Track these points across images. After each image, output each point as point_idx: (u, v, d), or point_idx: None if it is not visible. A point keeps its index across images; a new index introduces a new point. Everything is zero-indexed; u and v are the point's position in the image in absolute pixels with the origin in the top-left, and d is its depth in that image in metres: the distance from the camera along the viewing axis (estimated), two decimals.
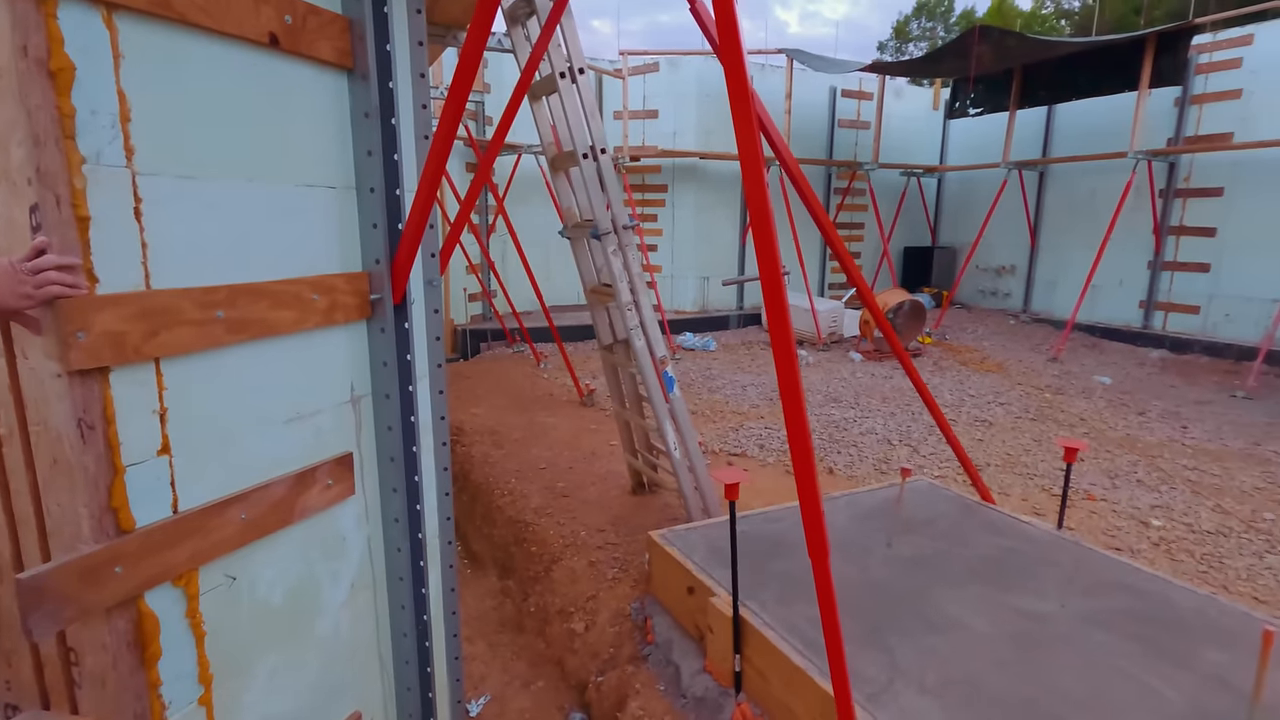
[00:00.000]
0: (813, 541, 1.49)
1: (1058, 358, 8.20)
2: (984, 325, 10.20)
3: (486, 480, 4.48)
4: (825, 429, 5.50)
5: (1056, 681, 2.01)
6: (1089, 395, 6.66)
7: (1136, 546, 3.57)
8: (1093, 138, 9.44)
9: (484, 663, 3.16)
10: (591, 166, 3.10)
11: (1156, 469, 4.68)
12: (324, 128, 1.60)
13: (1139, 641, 2.20)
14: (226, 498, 1.39)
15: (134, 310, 1.18)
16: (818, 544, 1.48)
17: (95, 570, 1.15)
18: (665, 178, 10.21)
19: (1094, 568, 2.67)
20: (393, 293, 1.76)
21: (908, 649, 2.14)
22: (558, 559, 3.48)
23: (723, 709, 2.32)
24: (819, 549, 1.49)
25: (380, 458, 1.83)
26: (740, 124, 1.29)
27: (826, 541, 1.49)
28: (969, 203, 11.57)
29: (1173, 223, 8.82)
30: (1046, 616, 2.34)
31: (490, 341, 8.56)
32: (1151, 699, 1.93)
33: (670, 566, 2.78)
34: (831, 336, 9.14)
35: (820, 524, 1.48)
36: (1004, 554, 2.78)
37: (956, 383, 7.08)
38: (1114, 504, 4.11)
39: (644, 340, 3.34)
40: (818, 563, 1.50)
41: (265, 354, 1.47)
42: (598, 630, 2.96)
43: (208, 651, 1.37)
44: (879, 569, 2.66)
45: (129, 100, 1.16)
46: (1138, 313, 9.21)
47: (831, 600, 1.50)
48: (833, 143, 10.98)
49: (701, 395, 6.59)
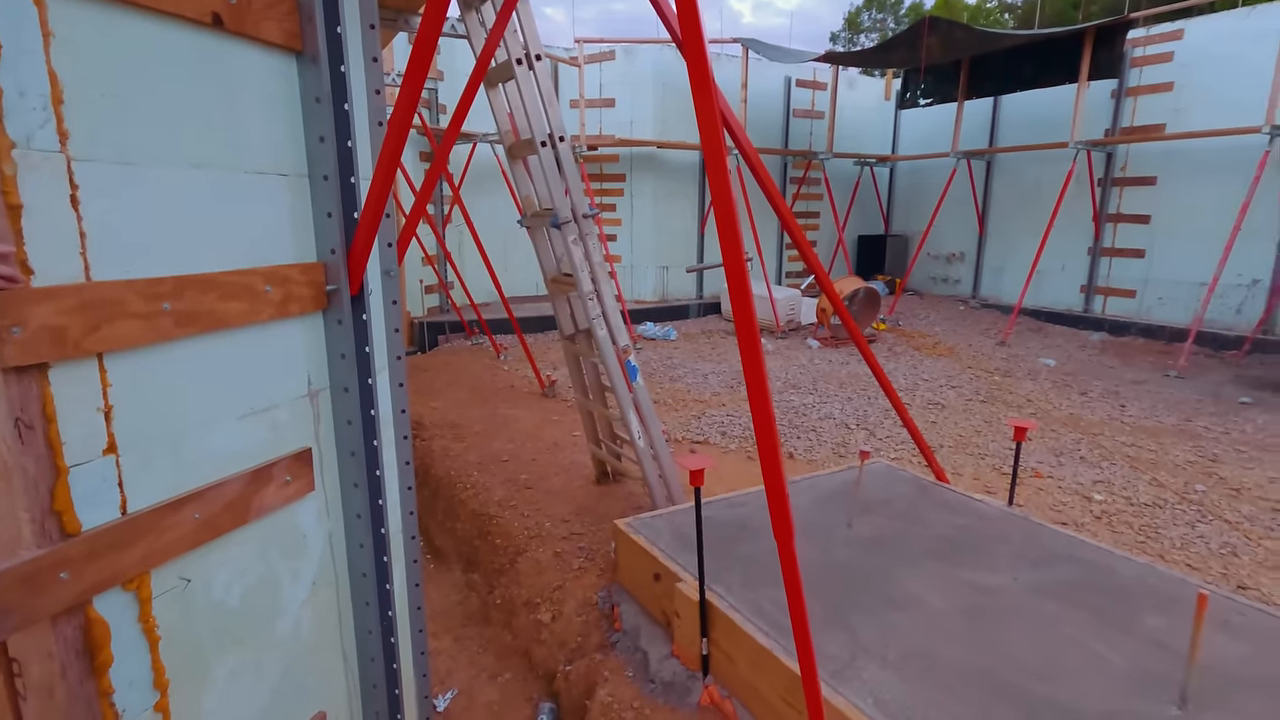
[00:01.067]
0: (778, 524, 1.51)
1: (1005, 341, 8.49)
2: (936, 311, 10.48)
3: (448, 474, 4.42)
4: (785, 415, 5.59)
5: (1010, 651, 2.10)
6: (1035, 377, 6.91)
7: (1081, 520, 3.73)
8: (1037, 128, 9.77)
9: (450, 657, 3.13)
10: (550, 154, 3.07)
11: (1098, 446, 4.89)
12: (273, 113, 1.54)
13: (1085, 609, 2.30)
14: (179, 497, 1.34)
15: (73, 303, 1.12)
16: (783, 526, 1.51)
17: (38, 576, 1.10)
18: (623, 167, 10.18)
19: (1043, 541, 2.79)
20: (349, 283, 1.71)
21: (869, 626, 2.20)
22: (522, 550, 3.46)
23: (691, 692, 2.35)
24: (784, 531, 1.51)
25: (340, 452, 1.79)
26: (703, 114, 1.29)
27: (791, 524, 1.52)
28: (920, 191, 11.84)
29: (1110, 210, 9.20)
30: (999, 590, 2.44)
31: (448, 334, 8.43)
32: (1098, 664, 2.03)
33: (636, 554, 2.79)
34: (789, 324, 9.27)
35: (785, 507, 1.50)
36: (958, 531, 2.88)
37: (910, 367, 7.27)
38: (1059, 480, 4.28)
39: (606, 329, 3.33)
40: (783, 545, 1.53)
41: (216, 347, 1.41)
42: (565, 620, 2.96)
43: (163, 656, 1.32)
44: (840, 550, 2.72)
45: (61, 81, 1.10)
46: (1079, 297, 9.59)
47: (797, 581, 1.53)
48: (788, 132, 11.10)
49: (663, 384, 6.62)
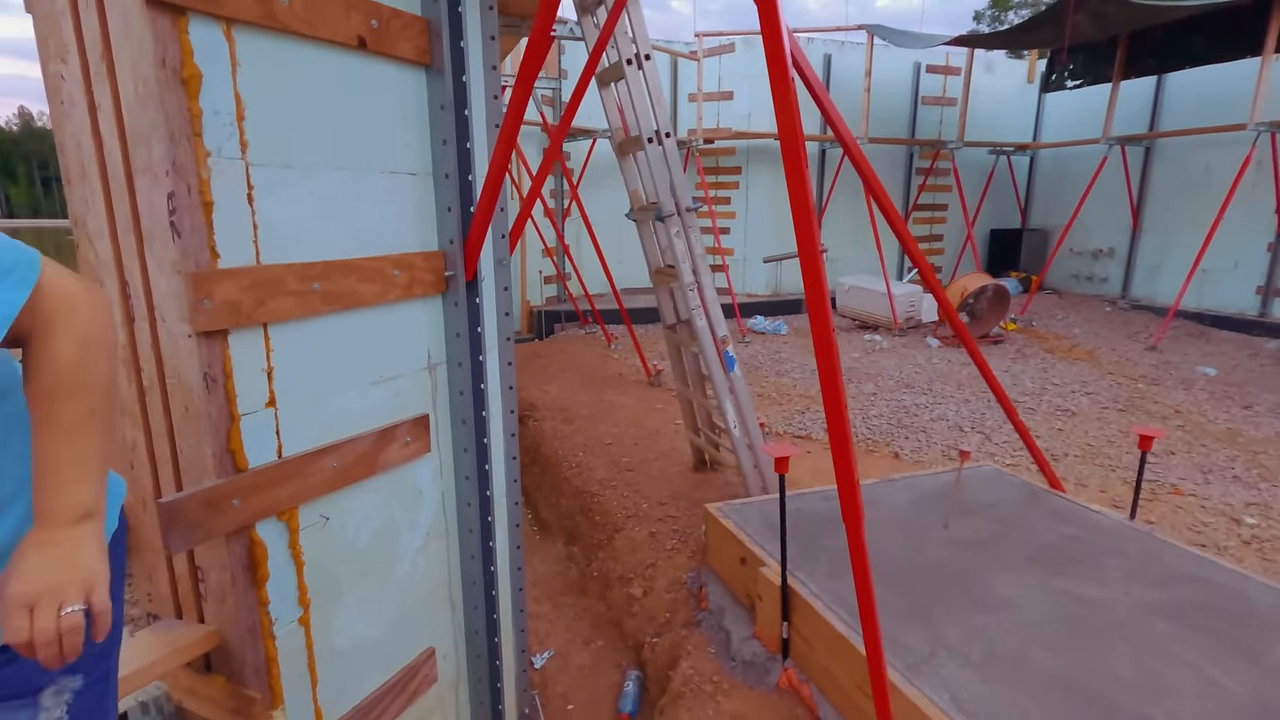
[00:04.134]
0: (847, 511, 1.56)
1: (1157, 346, 7.69)
2: (1076, 312, 9.65)
3: (556, 453, 4.70)
4: (894, 414, 5.43)
5: (1108, 666, 2.00)
6: (1189, 386, 6.24)
7: (1224, 544, 3.39)
8: (1207, 109, 8.71)
9: (549, 621, 3.37)
10: (657, 150, 3.20)
11: (1258, 465, 4.38)
12: (404, 119, 1.77)
13: (1205, 633, 2.14)
14: (321, 447, 1.59)
15: (247, 282, 1.38)
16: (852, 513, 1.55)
17: (217, 501, 1.37)
18: (739, 160, 10.15)
19: (1165, 559, 2.59)
20: (465, 270, 1.93)
21: (954, 625, 2.17)
22: (620, 529, 3.64)
23: (769, 673, 2.41)
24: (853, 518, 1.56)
25: (453, 420, 2.02)
26: (779, 98, 1.36)
27: (860, 511, 1.56)
28: (1063, 182, 10.91)
29: None
30: (1105, 603, 2.30)
31: (564, 322, 8.83)
32: (1210, 688, 1.89)
33: (725, 538, 2.88)
34: (909, 321, 8.89)
35: (855, 493, 1.55)
36: (1066, 541, 2.73)
37: (1040, 370, 6.78)
38: (1204, 499, 3.89)
39: (705, 320, 3.43)
40: (852, 531, 1.57)
41: (353, 323, 1.66)
42: (655, 596, 3.11)
43: (306, 579, 1.59)
44: (933, 549, 2.67)
45: (243, 101, 1.36)
46: (1254, 300, 8.49)
47: (864, 564, 1.57)
48: (915, 121, 10.59)
49: (769, 379, 6.60)
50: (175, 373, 1.38)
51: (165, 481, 1.48)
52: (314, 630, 1.62)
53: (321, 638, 1.64)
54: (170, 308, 1.34)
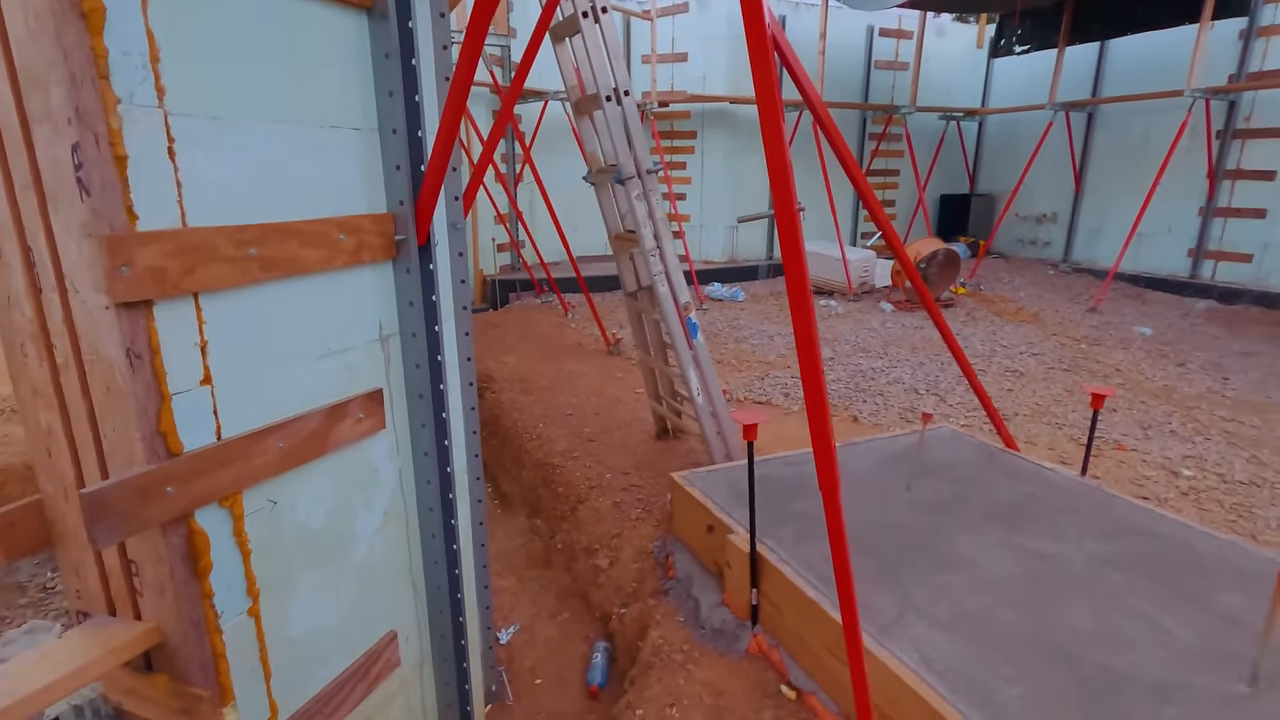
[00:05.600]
0: (824, 477, 1.52)
1: (1097, 308, 7.98)
2: (1022, 275, 9.92)
3: (515, 425, 4.60)
4: (852, 378, 5.49)
5: (1067, 618, 2.05)
6: (1127, 346, 6.50)
7: (1164, 495, 3.54)
8: (1148, 75, 8.95)
9: (514, 595, 3.32)
10: (615, 109, 3.07)
11: (1192, 420, 4.59)
12: (346, 69, 1.62)
13: (1155, 582, 2.21)
14: (265, 427, 1.47)
15: (172, 246, 1.24)
16: (828, 479, 1.52)
17: (149, 489, 1.25)
18: (694, 124, 10.00)
19: (1115, 513, 2.68)
20: (417, 234, 1.80)
21: (921, 586, 2.20)
22: (584, 499, 3.59)
23: (739, 639, 2.41)
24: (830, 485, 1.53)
25: (409, 394, 1.91)
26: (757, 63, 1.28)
27: (837, 477, 1.53)
28: (1010, 147, 11.13)
29: (1229, 166, 8.38)
30: (1062, 558, 2.37)
31: (519, 292, 8.64)
32: (1162, 635, 1.96)
33: (691, 506, 2.86)
34: (863, 286, 9.00)
35: (831, 459, 1.51)
36: (1023, 498, 2.80)
37: (989, 333, 6.96)
38: (1144, 454, 4.06)
39: (667, 286, 3.35)
40: (828, 497, 1.54)
41: (296, 291, 1.53)
42: (621, 566, 3.08)
43: (254, 567, 1.48)
44: (897, 511, 2.70)
45: (157, 41, 1.20)
46: (1185, 261, 8.87)
47: (841, 534, 1.55)
48: (868, 85, 10.59)
49: (728, 345, 6.60)
50: (93, 349, 1.24)
51: (89, 470, 1.34)
52: (265, 621, 1.52)
53: (274, 628, 1.54)
54: (83, 276, 1.19)
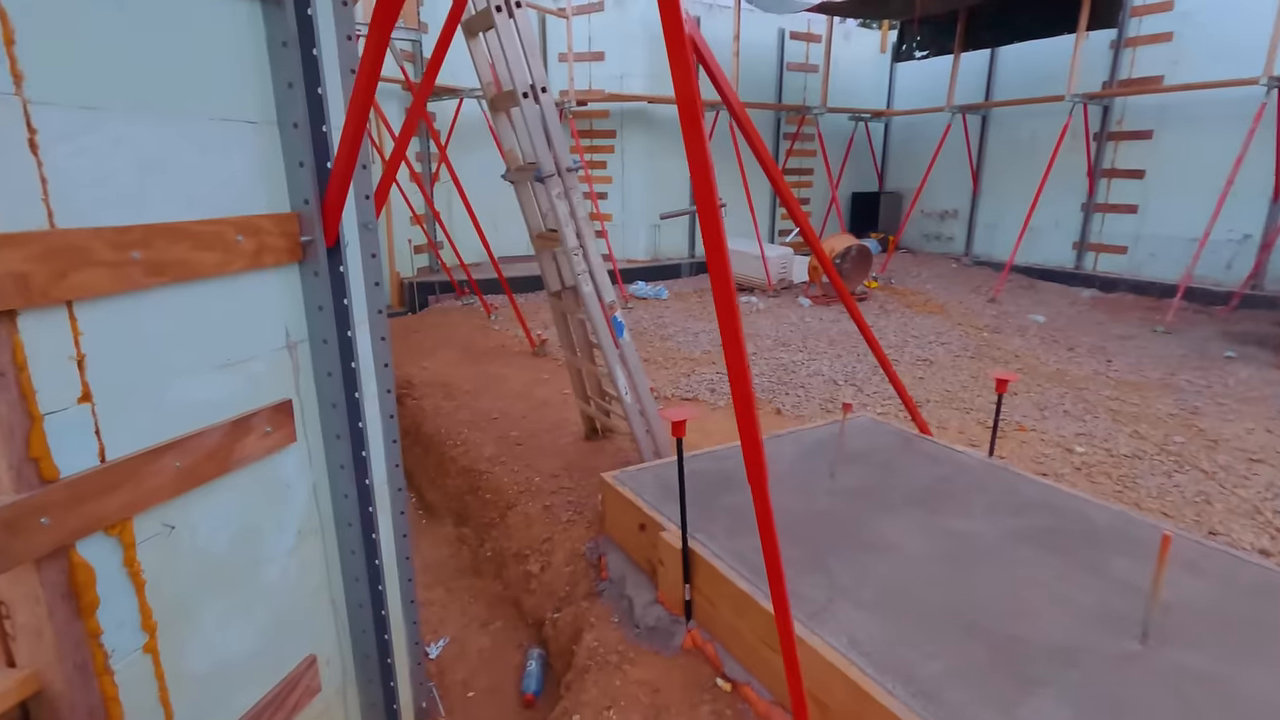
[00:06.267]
0: (752, 470, 1.54)
1: (996, 298, 8.50)
2: (928, 269, 10.46)
3: (438, 432, 4.46)
4: (774, 372, 5.62)
5: (982, 592, 2.16)
6: (1024, 333, 6.95)
7: (1061, 471, 3.80)
8: (1034, 81, 9.60)
9: (442, 607, 3.21)
10: (533, 107, 3.01)
11: (1082, 400, 4.95)
12: (238, 58, 1.50)
13: (1057, 554, 2.36)
14: (158, 446, 1.35)
15: (38, 250, 1.12)
16: (757, 472, 1.54)
17: (18, 521, 1.12)
18: (613, 123, 10.00)
19: (1020, 491, 2.85)
20: (325, 235, 1.70)
21: (847, 570, 2.26)
22: (513, 505, 3.52)
23: (674, 636, 2.42)
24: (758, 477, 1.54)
25: (321, 404, 1.80)
26: (676, 62, 1.27)
27: (765, 469, 1.55)
28: (915, 148, 11.70)
29: (1105, 165, 9.11)
30: (975, 535, 2.50)
31: (439, 294, 8.39)
32: (1065, 603, 2.10)
33: (622, 505, 2.84)
34: (781, 282, 9.25)
35: (759, 453, 1.53)
36: (938, 481, 2.93)
37: (900, 325, 7.29)
38: (1043, 434, 4.35)
39: (592, 285, 3.33)
40: (757, 490, 1.56)
41: (190, 298, 1.41)
42: (553, 570, 3.03)
43: (149, 599, 1.35)
44: (821, 499, 2.78)
45: (10, 19, 1.07)
46: (1071, 254, 9.57)
47: (771, 526, 1.57)
48: (781, 87, 10.89)
49: (654, 343, 6.63)
50: None
51: None
52: (164, 656, 1.39)
53: (174, 663, 1.42)
54: None
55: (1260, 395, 5.02)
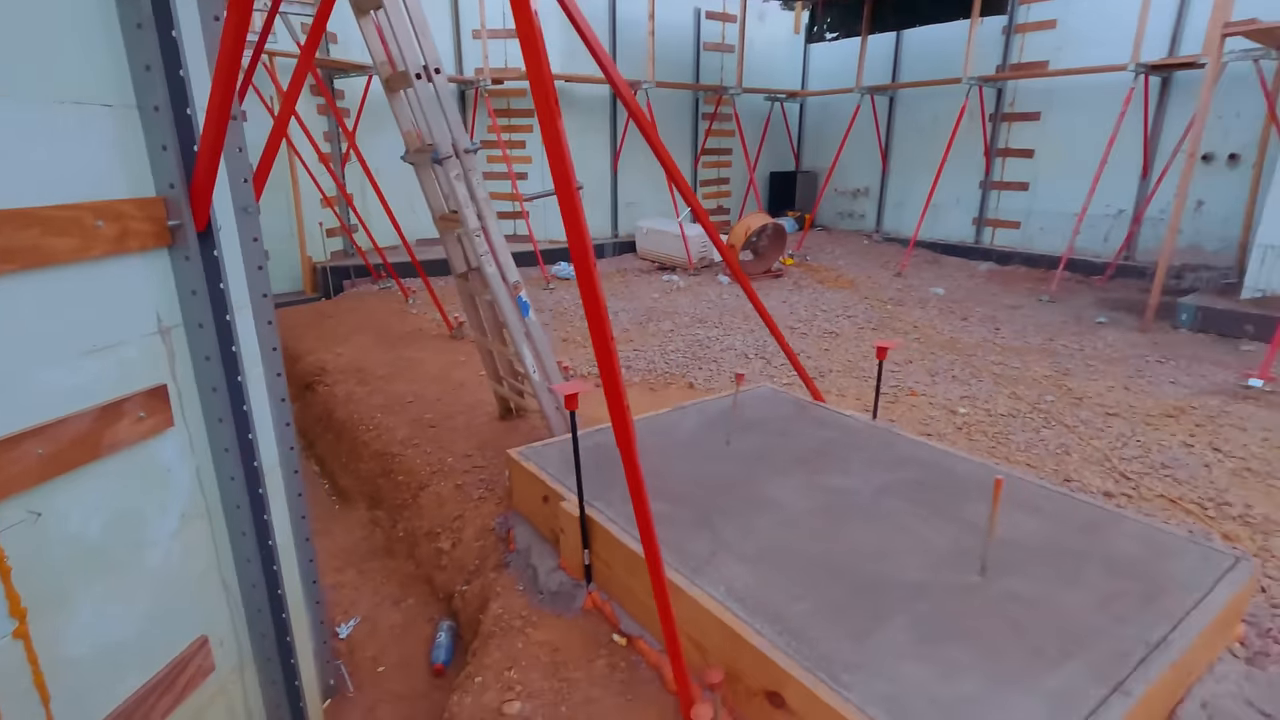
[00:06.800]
0: (620, 432, 1.66)
1: (902, 273, 8.95)
2: (842, 246, 10.88)
3: (351, 417, 4.42)
4: (690, 347, 5.80)
5: (852, 540, 2.37)
6: (924, 305, 7.38)
7: (944, 431, 4.12)
8: (935, 64, 10.06)
9: (355, 589, 3.23)
10: (426, 87, 3.01)
11: (970, 366, 5.34)
12: (88, 40, 1.48)
13: (922, 504, 2.60)
14: (17, 433, 1.35)
15: None
16: (624, 435, 1.65)
17: None
18: (531, 102, 9.88)
19: (897, 448, 3.09)
20: (194, 219, 1.70)
21: (732, 528, 2.43)
22: (425, 485, 3.56)
23: (575, 599, 2.54)
24: (626, 440, 1.66)
25: (201, 388, 1.81)
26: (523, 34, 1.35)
27: (632, 432, 1.67)
28: (828, 128, 12.07)
29: (1000, 145, 9.68)
30: (851, 491, 2.71)
31: (354, 279, 8.18)
32: (923, 545, 2.33)
33: (527, 480, 2.94)
34: (702, 261, 9.44)
35: (625, 417, 1.65)
36: (825, 443, 3.15)
37: (811, 299, 7.60)
38: (931, 398, 4.68)
39: (495, 266, 3.37)
40: (625, 451, 1.68)
41: (45, 284, 1.40)
42: (464, 546, 3.10)
43: (16, 585, 1.36)
44: (716, 464, 2.95)
45: None
46: (971, 229, 10.16)
47: (640, 483, 1.70)
48: (699, 66, 11.01)
49: (573, 322, 6.70)
50: None
51: None
52: (37, 643, 1.40)
53: (49, 648, 1.43)
54: None
55: (1123, 356, 5.54)
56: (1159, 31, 7.77)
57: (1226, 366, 5.19)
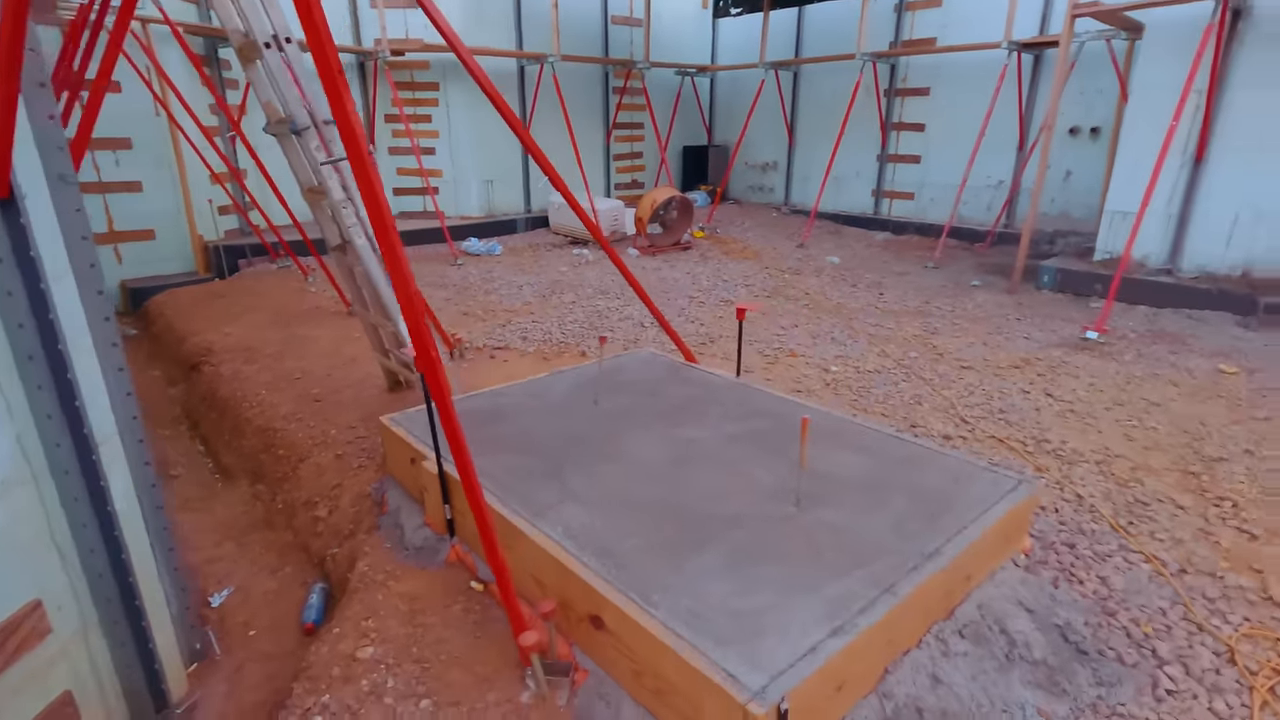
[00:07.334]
0: (432, 385, 1.78)
1: (804, 244, 9.32)
2: (752, 218, 11.19)
3: (235, 395, 4.37)
4: (589, 318, 5.94)
5: (692, 483, 2.58)
6: (820, 273, 7.73)
7: (813, 388, 4.41)
8: (834, 40, 10.40)
9: (232, 561, 3.26)
10: (276, 57, 3.00)
11: (850, 328, 5.68)
12: None
13: (763, 449, 2.84)
14: None
15: None
16: (436, 386, 1.78)
17: None
18: (436, 75, 9.71)
19: (753, 402, 3.33)
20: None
21: (581, 478, 2.60)
22: (305, 457, 3.59)
23: (439, 552, 2.67)
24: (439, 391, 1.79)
25: (17, 356, 1.82)
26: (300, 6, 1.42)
27: (444, 382, 1.80)
28: (737, 102, 12.31)
29: (894, 119, 10.13)
30: (702, 441, 2.92)
31: (250, 258, 7.92)
32: (753, 484, 2.56)
33: (398, 444, 3.03)
34: (614, 235, 9.56)
35: (437, 371, 1.77)
36: (688, 400, 3.36)
37: (715, 270, 7.85)
38: (809, 358, 4.98)
39: (365, 238, 3.40)
40: (440, 401, 1.80)
41: None
42: (340, 512, 3.17)
43: None
44: (580, 423, 3.11)
45: None
46: (870, 200, 10.63)
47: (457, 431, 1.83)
48: (607, 40, 11.01)
49: (477, 297, 6.73)
50: None
51: None
52: None
53: None
54: None
55: (987, 315, 6.00)
56: (1031, 11, 8.28)
57: (1074, 322, 5.70)
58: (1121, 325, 5.64)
